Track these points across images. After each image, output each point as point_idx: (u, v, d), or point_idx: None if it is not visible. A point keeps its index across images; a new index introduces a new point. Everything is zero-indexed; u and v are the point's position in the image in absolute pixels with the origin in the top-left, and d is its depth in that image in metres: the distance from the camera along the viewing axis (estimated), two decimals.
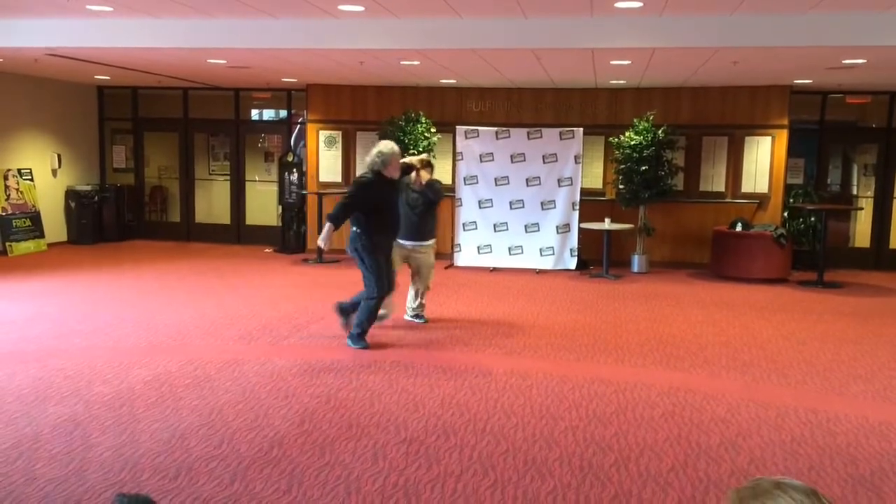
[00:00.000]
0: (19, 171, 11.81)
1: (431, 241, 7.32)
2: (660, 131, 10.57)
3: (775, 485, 1.62)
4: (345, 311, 6.73)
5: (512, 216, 11.00)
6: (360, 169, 12.16)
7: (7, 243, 11.43)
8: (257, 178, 13.57)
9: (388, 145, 6.50)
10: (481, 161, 11.04)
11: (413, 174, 6.98)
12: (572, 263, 10.89)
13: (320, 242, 6.38)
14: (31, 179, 12.02)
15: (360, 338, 6.45)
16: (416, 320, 7.45)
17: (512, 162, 10.93)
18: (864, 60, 8.16)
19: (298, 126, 13.09)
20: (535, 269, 10.83)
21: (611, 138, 11.11)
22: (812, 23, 7.06)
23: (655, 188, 10.62)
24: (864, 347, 6.83)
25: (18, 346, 6.28)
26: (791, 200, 11.27)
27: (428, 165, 7.17)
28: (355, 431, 4.53)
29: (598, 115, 11.51)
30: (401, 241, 7.03)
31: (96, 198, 12.89)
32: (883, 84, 10.52)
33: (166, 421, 4.63)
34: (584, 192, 11.05)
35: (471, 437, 4.49)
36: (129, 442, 4.29)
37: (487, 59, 8.73)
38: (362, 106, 12.10)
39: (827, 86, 10.90)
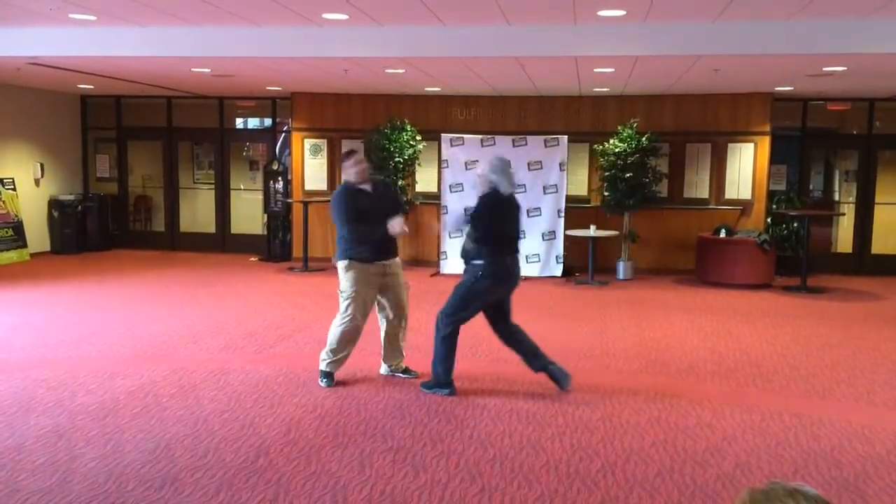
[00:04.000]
0: (1, 180, 11.72)
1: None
2: (643, 138, 10.63)
3: (789, 493, 1.62)
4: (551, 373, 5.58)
5: None
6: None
7: None
8: (242, 187, 13.53)
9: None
10: (467, 169, 11.05)
11: None
12: (558, 270, 10.93)
13: None
14: (14, 189, 11.93)
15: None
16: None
17: None
18: (845, 68, 8.25)
19: (283, 134, 13.08)
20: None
21: (595, 146, 11.17)
22: (793, 31, 7.14)
23: (640, 195, 10.68)
24: (847, 352, 6.88)
25: (1, 357, 6.22)
26: (774, 206, 11.36)
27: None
28: (342, 440, 4.52)
29: (582, 123, 11.57)
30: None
31: (80, 207, 12.81)
32: (863, 91, 10.64)
33: (151, 431, 4.60)
34: (569, 199, 11.09)
35: (458, 444, 4.49)
36: (114, 452, 4.26)
37: (471, 67, 8.76)
38: (347, 114, 12.10)
39: (808, 93, 11.01)
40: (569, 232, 10.86)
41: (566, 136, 10.89)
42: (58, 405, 5.03)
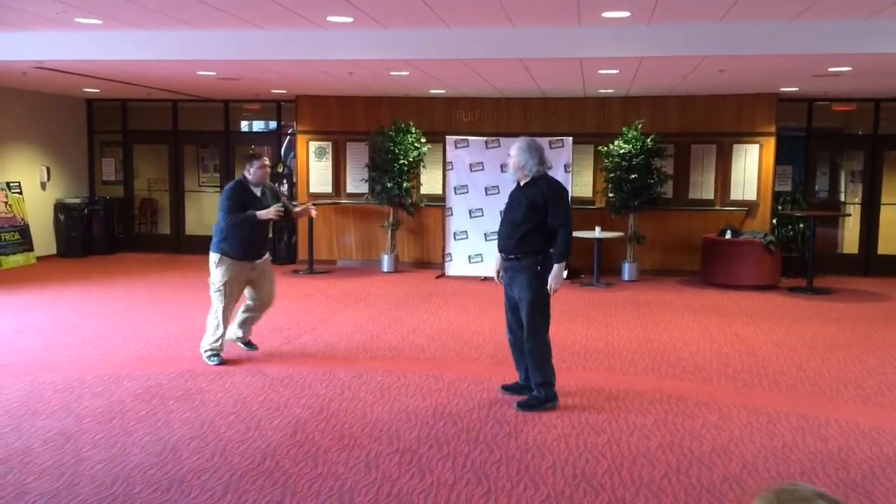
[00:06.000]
0: (8, 184, 11.76)
1: None
2: (648, 140, 10.62)
3: (818, 494, 1.62)
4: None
5: None
6: (351, 179, 12.20)
7: None
8: None
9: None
10: (471, 170, 11.06)
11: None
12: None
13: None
14: (20, 192, 11.96)
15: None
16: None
17: (502, 171, 10.92)
18: (850, 68, 8.23)
19: (288, 137, 13.10)
20: None
21: (600, 147, 11.16)
22: (798, 31, 7.13)
23: (645, 196, 10.67)
24: (853, 352, 6.86)
25: (8, 360, 6.24)
26: (779, 207, 11.34)
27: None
28: (348, 442, 4.52)
29: (586, 124, 11.56)
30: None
31: (85, 211, 12.84)
32: (868, 91, 10.61)
33: (157, 433, 4.61)
34: (574, 200, 11.05)
35: (464, 446, 4.48)
36: (121, 455, 4.27)
37: (476, 69, 8.77)
38: (352, 116, 12.12)
39: (813, 93, 10.99)
40: (574, 233, 10.82)
41: (571, 138, 10.87)
42: (64, 408, 5.04)
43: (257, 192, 6.15)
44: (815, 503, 1.59)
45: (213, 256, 6.14)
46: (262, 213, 6.00)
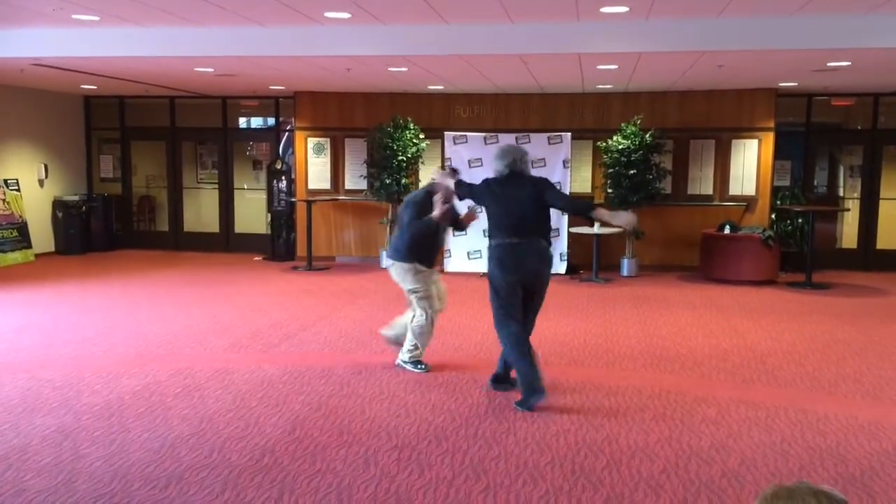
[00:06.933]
0: (6, 181, 11.75)
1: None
2: (647, 135, 10.61)
3: (813, 493, 1.60)
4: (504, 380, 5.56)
5: None
6: (350, 176, 12.19)
7: None
8: (246, 186, 13.54)
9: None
10: (470, 167, 11.04)
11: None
12: (562, 268, 10.91)
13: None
14: (18, 190, 11.95)
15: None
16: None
17: None
18: (849, 63, 8.23)
19: (286, 133, 13.08)
20: None
21: (599, 143, 11.15)
22: (797, 26, 7.12)
23: (644, 192, 10.66)
24: (852, 348, 6.86)
25: (6, 357, 6.23)
26: (778, 202, 11.33)
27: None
28: (346, 438, 4.52)
29: (585, 120, 11.55)
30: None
31: (84, 208, 12.83)
32: (867, 86, 10.60)
33: (156, 430, 4.61)
34: (572, 196, 11.06)
35: (462, 442, 4.48)
36: (119, 452, 4.26)
37: (474, 65, 8.75)
38: (350, 113, 12.10)
39: (812, 88, 10.97)
40: (573, 229, 10.85)
41: (569, 134, 10.87)
42: (63, 405, 5.04)
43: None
44: (808, 502, 1.57)
45: (405, 266, 5.83)
46: (435, 213, 5.73)
